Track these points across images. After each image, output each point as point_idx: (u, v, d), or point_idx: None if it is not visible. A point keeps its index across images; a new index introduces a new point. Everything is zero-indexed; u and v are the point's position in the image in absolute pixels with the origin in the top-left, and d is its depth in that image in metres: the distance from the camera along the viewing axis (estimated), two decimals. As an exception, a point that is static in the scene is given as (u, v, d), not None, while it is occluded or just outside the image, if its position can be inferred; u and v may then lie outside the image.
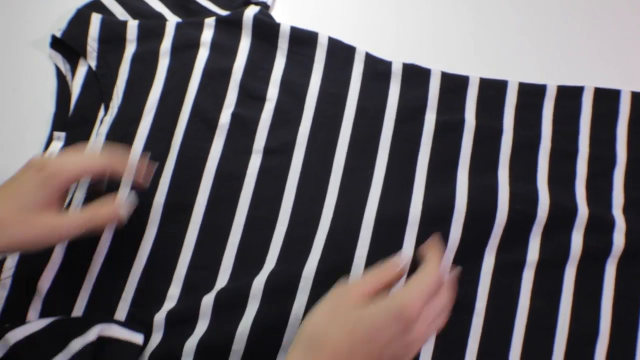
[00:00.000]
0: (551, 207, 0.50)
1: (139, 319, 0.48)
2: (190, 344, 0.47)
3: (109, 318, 0.47)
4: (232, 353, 0.47)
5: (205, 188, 0.51)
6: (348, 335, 0.39)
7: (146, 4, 0.57)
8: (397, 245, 0.49)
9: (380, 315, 0.40)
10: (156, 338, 0.47)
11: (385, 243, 0.50)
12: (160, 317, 0.47)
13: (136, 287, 0.49)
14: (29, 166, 0.43)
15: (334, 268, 0.49)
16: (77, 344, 0.44)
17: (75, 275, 0.49)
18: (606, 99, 0.54)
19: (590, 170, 0.52)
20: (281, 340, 0.47)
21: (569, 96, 0.54)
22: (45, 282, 0.49)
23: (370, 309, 0.41)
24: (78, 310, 0.48)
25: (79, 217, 0.44)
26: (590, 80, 0.55)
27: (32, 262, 0.49)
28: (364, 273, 0.48)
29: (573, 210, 0.50)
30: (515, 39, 0.58)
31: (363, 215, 0.51)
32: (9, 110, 0.55)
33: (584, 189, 0.52)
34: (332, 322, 0.40)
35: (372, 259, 0.49)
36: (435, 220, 0.50)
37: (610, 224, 0.50)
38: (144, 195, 0.51)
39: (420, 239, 0.50)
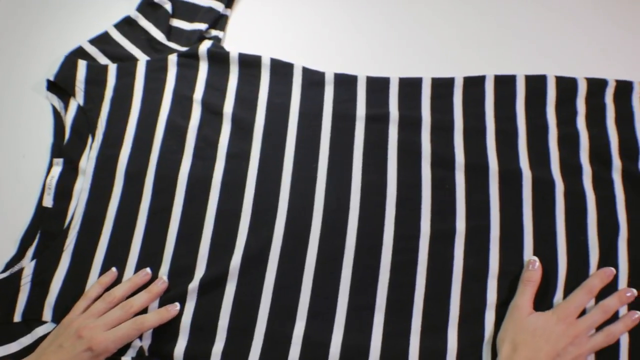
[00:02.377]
0: (467, 173, 0.59)
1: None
2: (185, 322, 0.54)
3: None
4: (219, 328, 0.54)
5: (180, 191, 0.59)
6: (534, 342, 0.51)
7: (121, 47, 0.66)
8: (343, 224, 0.57)
9: (555, 326, 0.52)
10: None
11: (333, 223, 0.58)
12: (153, 304, 0.55)
13: None
14: (74, 337, 0.51)
15: (294, 250, 0.57)
16: None
17: (80, 277, 0.57)
18: (504, 84, 0.62)
19: (498, 142, 0.60)
20: (257, 313, 0.55)
21: (474, 84, 0.63)
22: (56, 284, 0.56)
23: (545, 318, 0.53)
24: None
25: None
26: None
27: (45, 268, 0.56)
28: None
29: (486, 171, 0.59)
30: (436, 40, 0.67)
31: (313, 202, 0.58)
32: (18, 144, 0.64)
33: (495, 157, 0.60)
34: (524, 331, 0.52)
35: (324, 234, 0.57)
36: (372, 204, 0.58)
37: (519, 177, 0.58)
38: (132, 202, 0.59)
39: (362, 220, 0.57)
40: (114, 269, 0.57)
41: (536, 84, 0.62)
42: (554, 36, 0.67)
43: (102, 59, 0.65)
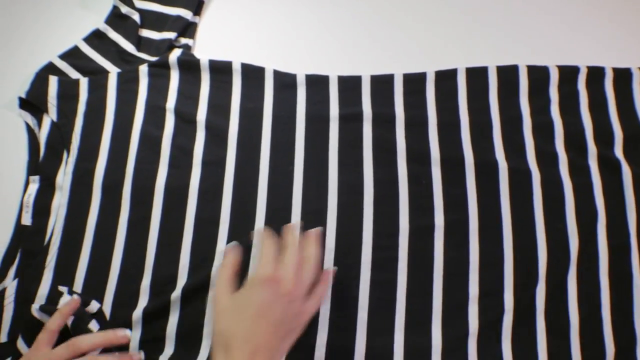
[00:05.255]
0: (443, 167, 0.59)
1: (120, 318, 0.55)
2: (170, 331, 0.54)
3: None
4: (204, 336, 0.54)
5: (158, 202, 0.59)
6: (245, 323, 0.45)
7: (92, 61, 0.65)
8: (322, 225, 0.57)
9: (260, 294, 0.46)
10: (137, 331, 0.55)
11: (311, 225, 0.57)
12: (137, 314, 0.55)
13: (114, 293, 0.56)
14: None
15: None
16: None
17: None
18: (476, 76, 0.62)
19: (472, 135, 0.60)
20: None
21: (446, 78, 0.63)
22: (39, 302, 0.55)
23: (247, 292, 0.47)
24: (69, 320, 0.55)
25: None
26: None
27: (28, 287, 0.56)
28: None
29: (462, 164, 0.59)
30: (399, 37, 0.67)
31: (291, 204, 0.58)
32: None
33: (470, 149, 0.60)
34: (231, 318, 0.47)
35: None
36: (349, 204, 0.58)
37: (495, 168, 0.58)
38: (110, 215, 0.58)
39: (341, 220, 0.57)
40: (75, 297, 0.55)
41: (508, 74, 0.62)
42: (525, 25, 0.66)
43: (73, 74, 0.65)
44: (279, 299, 0.46)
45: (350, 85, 0.63)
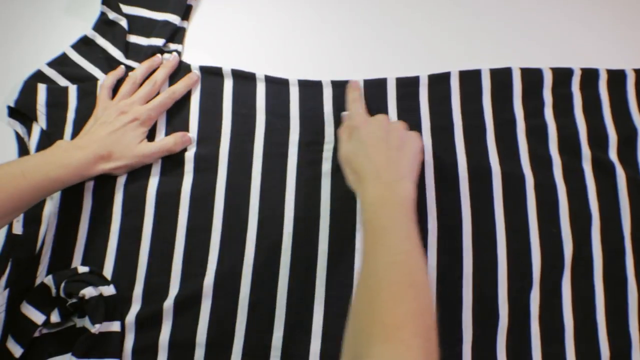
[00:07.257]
0: (436, 173, 0.58)
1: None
2: (163, 340, 0.54)
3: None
4: (197, 345, 0.54)
5: (149, 210, 0.58)
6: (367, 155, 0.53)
7: (81, 68, 0.64)
8: (314, 232, 0.57)
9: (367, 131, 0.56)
10: (130, 337, 0.54)
11: (304, 232, 0.57)
12: (130, 320, 0.54)
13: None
14: (117, 114, 0.58)
15: (267, 262, 0.56)
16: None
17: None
18: (470, 79, 0.62)
19: (466, 139, 0.60)
20: (234, 328, 0.55)
21: (439, 81, 0.62)
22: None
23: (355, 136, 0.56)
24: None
25: (157, 146, 0.59)
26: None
27: (19, 297, 0.55)
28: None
29: (455, 168, 0.58)
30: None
31: (283, 211, 0.58)
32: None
33: (464, 154, 0.59)
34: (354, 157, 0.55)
35: (296, 243, 0.57)
36: (342, 209, 0.57)
37: (489, 173, 0.58)
38: (102, 223, 0.58)
39: (334, 226, 0.57)
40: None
41: (501, 77, 0.62)
42: (519, 27, 0.66)
43: (62, 81, 0.64)
44: (380, 130, 0.55)
45: (343, 90, 0.62)
